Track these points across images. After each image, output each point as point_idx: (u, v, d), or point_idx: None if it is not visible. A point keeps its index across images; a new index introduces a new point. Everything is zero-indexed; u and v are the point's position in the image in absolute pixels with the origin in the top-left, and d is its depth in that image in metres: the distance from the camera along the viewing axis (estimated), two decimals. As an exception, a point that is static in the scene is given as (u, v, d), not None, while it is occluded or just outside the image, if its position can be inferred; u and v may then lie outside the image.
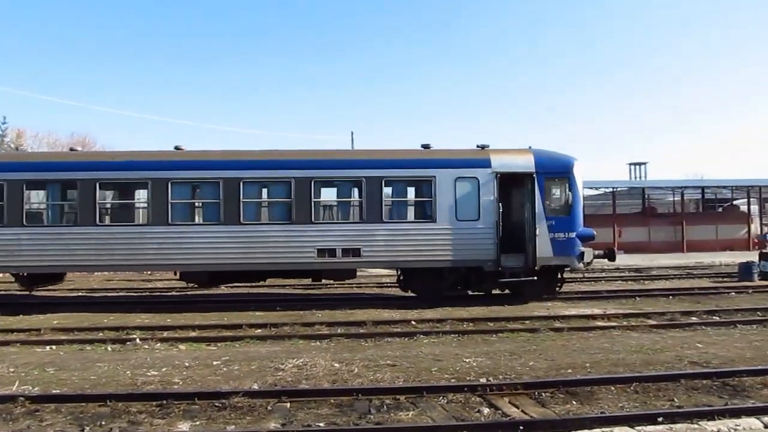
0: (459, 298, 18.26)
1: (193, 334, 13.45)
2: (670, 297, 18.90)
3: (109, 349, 12.03)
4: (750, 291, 19.95)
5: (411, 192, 18.32)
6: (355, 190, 17.91)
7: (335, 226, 17.63)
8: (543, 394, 8.34)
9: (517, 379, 8.97)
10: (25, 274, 18.07)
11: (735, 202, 44.03)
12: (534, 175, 17.77)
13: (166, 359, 10.84)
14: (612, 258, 19.48)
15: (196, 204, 18.03)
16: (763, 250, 27.79)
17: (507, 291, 18.50)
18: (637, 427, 6.63)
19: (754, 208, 40.55)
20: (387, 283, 22.79)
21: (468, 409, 7.74)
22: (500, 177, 17.73)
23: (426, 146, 18.68)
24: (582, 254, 17.93)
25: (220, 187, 17.27)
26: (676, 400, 8.02)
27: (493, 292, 18.43)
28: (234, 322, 14.49)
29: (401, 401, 8.03)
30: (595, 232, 18.76)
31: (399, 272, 18.98)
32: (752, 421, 5.88)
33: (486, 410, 7.69)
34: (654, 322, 14.35)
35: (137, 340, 12.60)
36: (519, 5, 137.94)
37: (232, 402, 7.89)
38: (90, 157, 18.09)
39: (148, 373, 9.73)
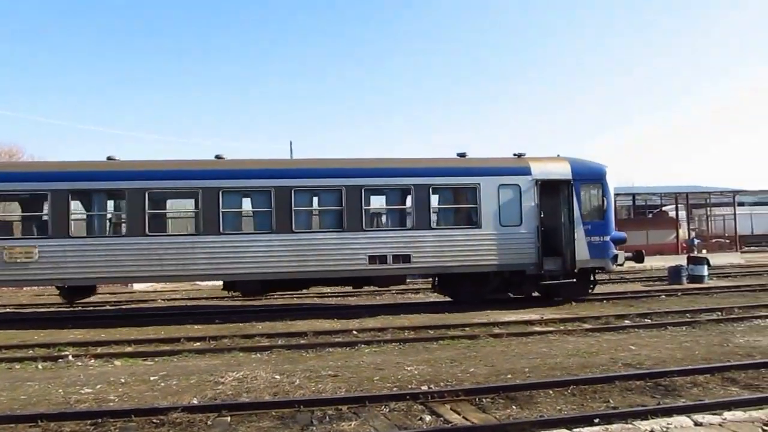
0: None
1: (128, 349, 13.10)
2: (605, 301, 19.39)
3: (40, 367, 11.60)
4: (679, 294, 20.65)
5: (457, 199, 18.83)
6: (404, 198, 18.41)
7: (386, 233, 18.06)
8: (484, 399, 8.45)
9: (458, 386, 9.06)
10: (67, 287, 17.44)
11: (664, 208, 45.57)
12: (571, 182, 18.81)
13: (100, 376, 10.52)
14: (640, 260, 20.55)
15: (248, 213, 18.01)
16: (691, 254, 28.86)
17: (535, 293, 19.48)
18: (574, 429, 6.76)
19: (682, 214, 42.07)
20: (327, 293, 22.72)
21: (410, 417, 7.77)
22: (540, 184, 18.63)
23: (462, 154, 19.44)
24: (615, 256, 19.01)
25: (271, 196, 17.36)
26: (611, 401, 8.24)
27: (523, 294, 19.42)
28: (172, 336, 14.18)
29: (343, 411, 8.01)
30: (626, 236, 20.05)
31: (435, 277, 19.66)
32: (683, 419, 6.09)
33: (428, 418, 7.74)
34: (589, 326, 14.71)
35: (70, 357, 12.20)
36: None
37: (170, 418, 7.71)
38: (139, 166, 17.60)
39: (82, 391, 9.43)
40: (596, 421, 7.12)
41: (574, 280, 18.73)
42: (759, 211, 51.07)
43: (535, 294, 19.43)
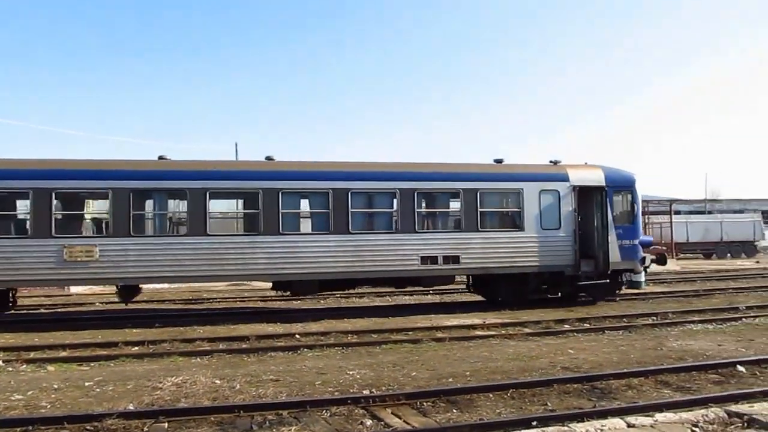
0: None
1: (63, 353, 12.70)
2: (546, 306, 19.73)
3: (-32, 373, 11.16)
4: (617, 299, 21.16)
5: (502, 203, 19.77)
6: (454, 201, 19.27)
7: (436, 234, 18.81)
8: (425, 403, 8.48)
9: (400, 390, 9.08)
10: (121, 286, 17.43)
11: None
12: (605, 189, 20.02)
13: (32, 382, 10.17)
14: (663, 263, 22.49)
15: (306, 214, 18.32)
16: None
17: (558, 294, 20.59)
18: (513, 432, 6.86)
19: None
20: (270, 297, 22.51)
21: (351, 422, 7.74)
22: (577, 190, 19.75)
23: (499, 161, 20.30)
24: (643, 259, 20.48)
25: (329, 198, 17.77)
26: (549, 404, 8.39)
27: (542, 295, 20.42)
28: (109, 340, 13.81)
29: (284, 416, 7.93)
30: (652, 239, 21.49)
31: (469, 278, 20.50)
32: (616, 421, 6.23)
33: (369, 422, 7.73)
34: (530, 331, 14.96)
35: (0, 362, 11.78)
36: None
37: (105, 425, 7.51)
38: (200, 166, 17.62)
39: (12, 398, 9.09)
40: (534, 423, 7.23)
41: (608, 281, 19.95)
42: (694, 220, 52.86)
43: (552, 296, 20.64)
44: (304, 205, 18.29)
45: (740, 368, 10.25)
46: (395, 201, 18.29)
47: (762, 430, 5.87)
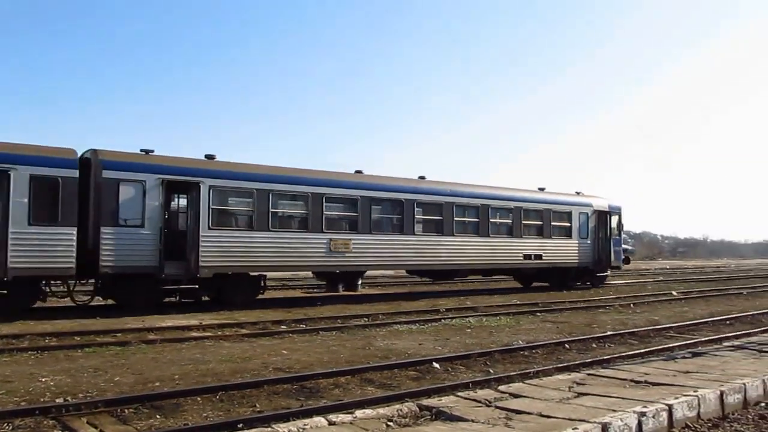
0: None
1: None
2: (265, 307, 19.86)
3: None
4: (335, 301, 21.94)
5: (561, 219, 28.90)
6: (540, 217, 28.04)
7: (532, 239, 27.55)
8: (126, 410, 7.94)
9: (100, 397, 8.42)
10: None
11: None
12: (608, 212, 30.80)
13: None
14: (627, 262, 36.24)
15: (464, 220, 25.47)
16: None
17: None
18: (218, 436, 6.67)
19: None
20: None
21: (38, 435, 6.98)
22: (596, 213, 30.21)
23: (542, 189, 29.51)
24: (625, 259, 33.99)
25: (479, 211, 25.67)
26: (258, 405, 8.33)
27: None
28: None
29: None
30: (629, 248, 36.73)
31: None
32: (319, 420, 6.34)
33: (59, 434, 7.02)
34: (247, 331, 14.88)
35: None
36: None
37: None
38: (364, 179, 23.17)
39: None
40: (240, 426, 7.12)
41: (608, 273, 32.09)
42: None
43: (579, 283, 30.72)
44: (467, 214, 25.56)
45: (436, 365, 11.12)
46: (512, 215, 26.80)
47: (447, 421, 6.38)
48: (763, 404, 7.84)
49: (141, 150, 18.59)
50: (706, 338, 14.23)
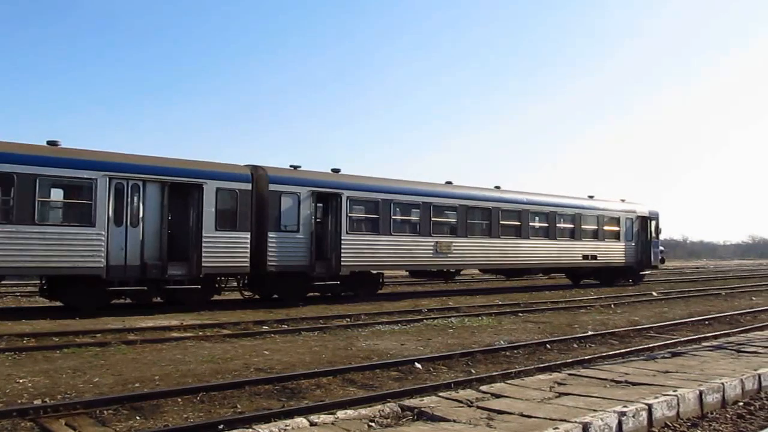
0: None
1: None
2: (245, 308, 19.77)
3: None
4: (300, 305, 21.78)
5: (612, 223, 32.56)
6: (596, 222, 31.64)
7: (588, 241, 31.08)
8: (105, 412, 7.87)
9: (78, 398, 8.33)
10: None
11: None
12: (649, 218, 34.42)
13: None
14: (663, 262, 39.46)
15: (536, 225, 29.21)
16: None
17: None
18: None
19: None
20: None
21: (15, 437, 6.89)
22: (639, 218, 33.85)
23: (591, 197, 32.76)
24: (663, 259, 38.01)
25: (547, 217, 29.32)
26: (239, 406, 8.29)
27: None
28: None
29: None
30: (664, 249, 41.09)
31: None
32: (300, 420, 6.31)
33: (36, 436, 6.94)
34: (228, 332, 14.79)
35: None
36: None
37: None
38: (457, 189, 26.69)
39: None
40: (221, 427, 7.08)
41: (648, 272, 35.68)
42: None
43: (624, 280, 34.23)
44: (538, 219, 29.19)
45: (417, 365, 11.13)
46: (573, 220, 30.31)
47: (429, 421, 6.38)
48: (741, 403, 7.93)
49: (290, 165, 21.89)
50: (686, 338, 14.41)
